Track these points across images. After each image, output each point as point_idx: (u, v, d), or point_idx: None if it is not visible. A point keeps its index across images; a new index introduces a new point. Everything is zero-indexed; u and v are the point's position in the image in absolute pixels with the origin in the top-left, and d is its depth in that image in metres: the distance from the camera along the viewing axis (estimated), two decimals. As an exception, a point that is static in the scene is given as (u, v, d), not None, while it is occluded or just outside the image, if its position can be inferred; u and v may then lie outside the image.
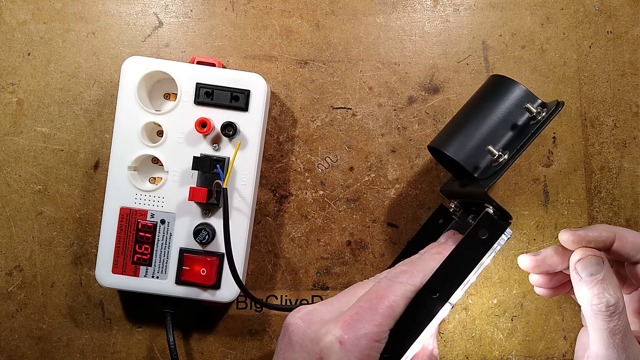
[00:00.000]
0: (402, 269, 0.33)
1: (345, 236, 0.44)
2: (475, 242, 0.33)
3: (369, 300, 0.31)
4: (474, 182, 0.36)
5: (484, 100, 0.37)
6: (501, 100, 0.36)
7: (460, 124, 0.37)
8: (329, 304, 0.33)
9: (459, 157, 0.36)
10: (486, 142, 0.35)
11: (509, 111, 0.36)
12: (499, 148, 0.35)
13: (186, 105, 0.40)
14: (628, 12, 0.45)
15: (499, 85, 0.37)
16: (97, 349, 0.44)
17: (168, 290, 0.40)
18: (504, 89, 0.36)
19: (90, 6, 0.44)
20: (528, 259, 0.37)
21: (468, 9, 0.45)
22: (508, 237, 0.33)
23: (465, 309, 0.45)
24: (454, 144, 0.36)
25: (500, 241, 0.33)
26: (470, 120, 0.37)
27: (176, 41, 0.44)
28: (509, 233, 0.33)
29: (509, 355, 0.45)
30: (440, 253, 0.34)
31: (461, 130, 0.37)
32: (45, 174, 0.44)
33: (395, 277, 0.32)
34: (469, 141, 0.36)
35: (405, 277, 0.32)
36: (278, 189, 0.44)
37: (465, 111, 0.38)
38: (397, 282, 0.32)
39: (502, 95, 0.36)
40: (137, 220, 0.40)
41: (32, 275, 0.44)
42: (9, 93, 0.44)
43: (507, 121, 0.36)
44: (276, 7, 0.45)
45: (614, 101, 0.45)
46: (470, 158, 0.36)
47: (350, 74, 0.45)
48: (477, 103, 0.38)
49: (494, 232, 0.33)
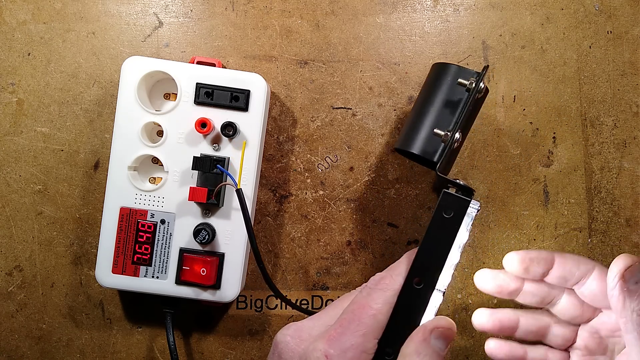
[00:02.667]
0: (381, 275, 0.33)
1: (345, 236, 0.44)
2: (442, 222, 0.33)
3: (352, 311, 0.31)
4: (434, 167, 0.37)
5: (426, 90, 0.39)
6: (439, 84, 0.37)
7: (412, 119, 0.39)
8: (317, 319, 0.33)
9: (417, 149, 0.37)
10: (435, 127, 0.36)
11: (448, 92, 0.37)
12: (447, 129, 0.36)
13: (186, 105, 0.40)
14: (628, 12, 0.45)
15: (435, 72, 0.38)
16: (97, 349, 0.44)
17: (168, 290, 0.40)
18: (439, 73, 0.38)
19: (90, 6, 0.44)
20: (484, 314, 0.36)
21: (468, 9, 0.45)
22: (477, 209, 0.34)
23: (465, 309, 0.45)
24: (410, 140, 0.38)
25: (469, 214, 0.33)
26: (419, 113, 0.38)
27: (176, 41, 0.44)
28: (476, 204, 0.33)
29: (509, 355, 0.45)
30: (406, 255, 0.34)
31: (413, 124, 0.38)
32: (45, 174, 0.44)
33: (375, 285, 0.32)
34: (421, 132, 0.37)
35: (385, 282, 0.32)
36: (278, 189, 0.44)
37: (415, 105, 0.39)
38: (377, 290, 0.32)
39: (439, 80, 0.38)
40: (137, 220, 0.40)
41: (32, 275, 0.44)
42: (9, 93, 0.44)
43: (449, 102, 0.37)
44: (276, 7, 0.45)
45: (614, 101, 0.45)
46: (426, 147, 0.37)
47: (350, 74, 0.45)
48: (422, 95, 0.39)
49: (458, 208, 0.33)
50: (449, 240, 0.33)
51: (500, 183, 0.45)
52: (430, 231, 0.33)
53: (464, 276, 0.44)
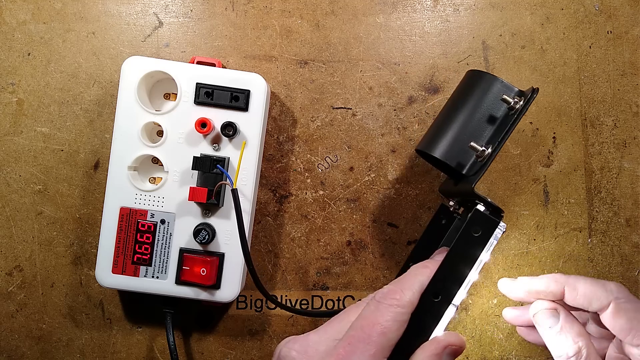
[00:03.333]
0: (390, 289, 0.32)
1: (345, 236, 0.44)
2: (469, 240, 0.33)
3: (360, 328, 0.30)
4: (464, 180, 0.36)
5: (462, 97, 0.37)
6: (479, 95, 0.36)
7: (443, 124, 0.37)
8: (323, 332, 0.32)
9: (445, 157, 0.36)
10: (469, 139, 0.35)
11: (488, 105, 0.36)
12: (482, 143, 0.35)
13: (186, 105, 0.40)
14: (628, 12, 0.45)
15: (475, 81, 0.37)
16: (97, 349, 0.44)
17: (168, 290, 0.40)
18: (480, 83, 0.37)
19: (90, 6, 0.44)
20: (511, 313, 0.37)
21: (468, 9, 0.45)
22: (503, 231, 0.33)
23: (465, 309, 0.45)
24: (438, 145, 0.37)
25: (495, 236, 0.33)
26: (452, 119, 0.37)
27: (176, 41, 0.44)
28: (503, 227, 0.33)
29: (509, 355, 0.45)
30: (426, 267, 0.33)
31: (444, 129, 0.37)
32: (45, 174, 0.44)
33: (384, 299, 0.31)
34: (452, 140, 0.36)
35: (394, 297, 0.31)
36: (278, 189, 0.44)
37: (447, 110, 0.38)
38: (385, 305, 0.31)
39: (479, 90, 0.36)
40: (137, 220, 0.40)
41: (32, 275, 0.44)
42: (9, 93, 0.44)
43: (487, 115, 0.36)
44: (276, 7, 0.45)
45: (614, 101, 0.45)
46: (456, 156, 0.36)
47: (350, 74, 0.45)
48: (456, 101, 0.38)
49: (487, 228, 0.33)
50: (473, 258, 0.33)
51: (500, 183, 0.45)
52: (455, 247, 0.33)
53: (464, 276, 0.44)
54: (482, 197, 0.33)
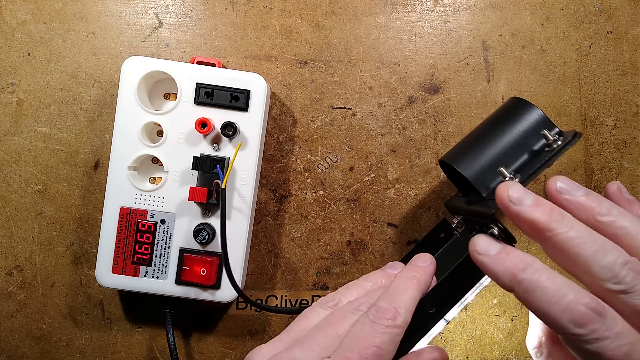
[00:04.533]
0: (385, 308, 0.29)
1: (345, 236, 0.44)
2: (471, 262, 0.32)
3: (357, 349, 0.28)
4: (482, 202, 0.35)
5: (501, 120, 0.37)
6: (519, 123, 0.35)
7: (474, 142, 0.36)
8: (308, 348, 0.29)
9: (470, 174, 0.35)
10: (499, 163, 0.34)
11: (525, 135, 0.35)
12: (511, 170, 0.34)
13: (186, 105, 0.40)
14: (628, 12, 0.45)
15: (518, 108, 0.36)
16: (97, 349, 0.44)
17: (168, 290, 0.40)
18: (523, 112, 0.36)
19: (90, 6, 0.44)
20: None
21: (468, 9, 0.45)
22: None
23: (465, 309, 0.45)
24: (465, 161, 0.35)
25: None
26: (485, 139, 0.36)
27: (176, 41, 0.44)
28: None
29: (509, 355, 0.45)
30: (414, 277, 0.32)
31: (474, 148, 0.36)
32: (45, 174, 0.44)
33: (379, 319, 0.29)
34: (481, 160, 0.35)
35: (390, 318, 0.29)
36: (278, 189, 0.44)
37: (481, 129, 0.37)
38: (382, 326, 0.29)
39: (520, 119, 0.35)
40: (137, 220, 0.40)
41: (32, 275, 0.44)
42: (9, 93, 0.44)
43: (522, 144, 0.35)
44: (276, 7, 0.45)
45: (614, 101, 0.45)
46: (481, 177, 0.35)
47: (350, 74, 0.45)
48: (493, 123, 0.37)
49: None
50: (475, 279, 0.32)
51: (500, 183, 0.45)
52: (460, 265, 0.32)
53: (464, 276, 0.44)
54: (500, 223, 0.32)
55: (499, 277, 0.28)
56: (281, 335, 0.31)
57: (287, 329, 0.32)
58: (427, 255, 0.34)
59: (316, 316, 0.32)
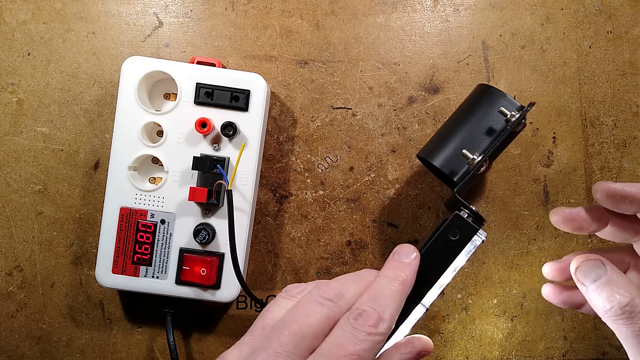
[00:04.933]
0: (368, 313, 0.28)
1: (345, 236, 0.44)
2: (445, 243, 0.33)
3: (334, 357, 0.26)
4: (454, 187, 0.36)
5: (467, 108, 0.38)
6: (480, 107, 0.37)
7: (442, 132, 0.38)
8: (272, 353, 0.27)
9: (440, 163, 0.36)
10: (465, 148, 0.36)
11: (487, 117, 0.36)
12: (476, 153, 0.35)
13: (186, 105, 0.40)
14: (628, 12, 0.45)
15: (479, 93, 0.38)
16: (97, 349, 0.44)
17: (168, 290, 0.40)
18: (484, 96, 0.37)
19: (90, 6, 0.44)
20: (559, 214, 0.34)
21: (468, 9, 0.45)
22: (482, 240, 0.33)
23: (465, 309, 0.45)
24: (436, 152, 0.37)
25: (474, 242, 0.33)
26: (453, 129, 0.37)
27: (176, 41, 0.44)
28: (482, 234, 0.33)
29: (509, 355, 0.45)
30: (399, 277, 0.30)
31: (442, 137, 0.38)
32: (45, 174, 0.44)
33: (361, 326, 0.27)
34: (448, 147, 0.37)
35: (372, 325, 0.27)
36: (278, 189, 0.44)
37: (450, 120, 0.39)
38: (363, 333, 0.27)
39: (482, 102, 0.37)
40: (137, 220, 0.40)
41: (32, 275, 0.44)
42: (9, 93, 0.44)
43: (487, 128, 0.36)
44: (276, 7, 0.45)
45: (614, 101, 0.45)
46: (451, 164, 0.36)
47: (350, 74, 0.45)
48: (461, 111, 0.39)
49: (466, 233, 0.33)
50: (447, 261, 0.33)
51: (500, 183, 0.45)
52: (431, 247, 0.33)
53: (464, 276, 0.44)
54: (464, 202, 0.33)
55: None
56: (245, 337, 0.29)
57: (251, 329, 0.30)
58: (411, 248, 0.32)
59: (278, 310, 0.30)
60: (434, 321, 0.44)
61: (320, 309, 0.28)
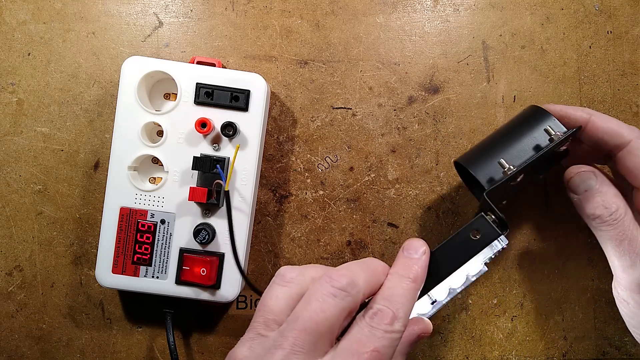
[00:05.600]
0: (384, 312, 0.29)
1: (345, 236, 0.44)
2: (465, 240, 0.33)
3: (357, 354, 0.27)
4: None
5: (512, 123, 0.39)
6: (526, 124, 0.37)
7: (484, 143, 0.39)
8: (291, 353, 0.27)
9: (473, 168, 0.36)
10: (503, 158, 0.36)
11: (532, 134, 0.37)
12: (513, 165, 0.36)
13: (186, 105, 0.40)
14: (628, 12, 0.45)
15: (529, 112, 0.38)
16: (97, 349, 0.44)
17: (168, 290, 0.40)
18: (532, 115, 0.38)
19: (90, 6, 0.44)
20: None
21: (468, 9, 0.45)
22: (503, 247, 0.34)
23: (465, 309, 0.45)
24: (472, 159, 0.38)
25: (494, 247, 0.33)
26: (495, 138, 0.38)
27: (176, 41, 0.44)
28: (504, 241, 0.33)
29: (509, 355, 0.45)
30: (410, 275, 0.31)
31: (483, 147, 0.38)
32: (45, 174, 0.44)
33: (378, 324, 0.28)
34: (487, 157, 0.37)
35: (387, 321, 0.28)
36: (278, 189, 0.44)
37: (494, 132, 0.39)
38: (381, 331, 0.28)
39: (529, 120, 0.37)
40: (137, 220, 0.40)
41: (32, 275, 0.44)
42: (9, 93, 0.44)
43: (529, 144, 0.36)
44: (276, 7, 0.45)
45: (614, 101, 0.45)
46: (484, 171, 0.36)
47: (350, 74, 0.45)
48: (505, 126, 0.39)
49: (487, 236, 0.33)
50: (463, 259, 0.33)
51: (500, 183, 0.45)
52: (450, 242, 0.33)
53: (464, 276, 0.44)
54: (492, 206, 0.33)
55: None
56: (249, 333, 0.29)
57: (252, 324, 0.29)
58: (420, 242, 0.33)
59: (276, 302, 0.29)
60: (433, 321, 0.44)
61: (335, 301, 0.28)
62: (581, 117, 0.36)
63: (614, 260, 0.35)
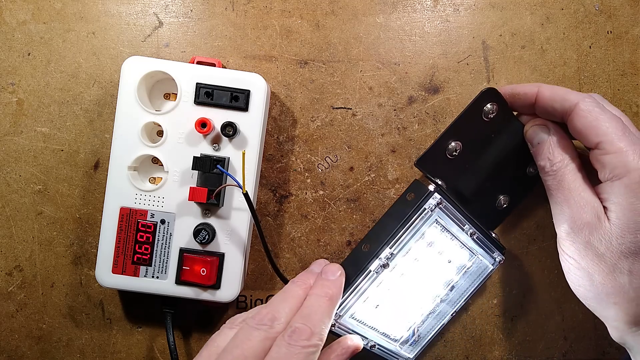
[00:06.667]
0: (301, 329, 0.31)
1: (345, 236, 0.44)
2: (402, 203, 0.38)
3: None
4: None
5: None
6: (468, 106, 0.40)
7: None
8: None
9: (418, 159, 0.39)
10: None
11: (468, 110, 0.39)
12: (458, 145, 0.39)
13: (186, 105, 0.40)
14: (628, 12, 0.45)
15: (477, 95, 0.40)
16: (97, 349, 0.44)
17: (168, 290, 0.40)
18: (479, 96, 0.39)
19: (90, 6, 0.44)
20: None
21: (468, 9, 0.45)
22: (437, 202, 0.36)
23: (465, 309, 0.45)
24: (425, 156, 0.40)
25: (430, 205, 0.36)
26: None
27: (176, 41, 0.44)
28: (436, 197, 0.36)
29: (509, 355, 0.45)
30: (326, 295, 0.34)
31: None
32: (45, 174, 0.44)
33: (295, 341, 0.31)
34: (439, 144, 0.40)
35: (304, 337, 0.31)
36: (278, 189, 0.44)
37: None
38: (298, 347, 0.31)
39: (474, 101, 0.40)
40: (137, 220, 0.40)
41: (32, 275, 0.44)
42: (9, 93, 0.44)
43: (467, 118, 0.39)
44: (276, 7, 0.45)
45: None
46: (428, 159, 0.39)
47: (350, 74, 0.45)
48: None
49: (420, 194, 0.37)
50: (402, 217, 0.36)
51: (500, 183, 0.45)
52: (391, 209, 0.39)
53: (464, 276, 0.44)
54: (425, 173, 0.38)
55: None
56: None
57: (197, 357, 0.33)
58: (336, 266, 0.37)
59: (224, 339, 0.33)
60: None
61: (257, 332, 0.32)
62: (530, 90, 0.37)
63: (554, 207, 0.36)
